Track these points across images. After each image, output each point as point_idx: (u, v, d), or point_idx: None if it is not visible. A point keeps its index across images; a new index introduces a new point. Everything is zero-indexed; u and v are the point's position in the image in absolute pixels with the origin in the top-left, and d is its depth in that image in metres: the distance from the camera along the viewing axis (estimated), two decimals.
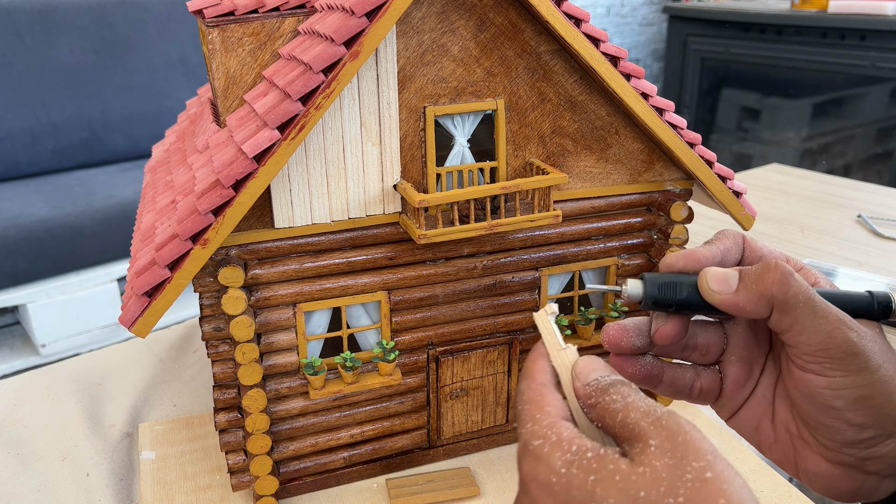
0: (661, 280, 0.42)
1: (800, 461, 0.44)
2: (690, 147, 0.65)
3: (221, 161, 0.55)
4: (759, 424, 0.46)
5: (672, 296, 0.42)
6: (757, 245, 0.45)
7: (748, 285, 0.40)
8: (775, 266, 0.40)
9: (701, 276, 0.42)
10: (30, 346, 2.06)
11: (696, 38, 3.17)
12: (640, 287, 0.42)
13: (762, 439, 0.46)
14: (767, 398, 0.46)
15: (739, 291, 0.40)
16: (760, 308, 0.40)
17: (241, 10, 0.60)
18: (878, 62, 2.49)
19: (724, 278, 0.41)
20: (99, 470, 0.75)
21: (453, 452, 0.74)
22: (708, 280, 0.41)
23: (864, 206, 1.43)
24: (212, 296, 0.60)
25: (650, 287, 0.42)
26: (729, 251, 0.44)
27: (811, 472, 0.43)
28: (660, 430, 0.32)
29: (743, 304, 0.40)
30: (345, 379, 0.64)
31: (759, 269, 0.40)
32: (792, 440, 0.44)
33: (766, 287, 0.39)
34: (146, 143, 2.47)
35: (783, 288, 0.39)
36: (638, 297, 0.42)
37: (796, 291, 0.39)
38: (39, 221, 1.96)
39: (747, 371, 0.46)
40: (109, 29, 2.40)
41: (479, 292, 0.67)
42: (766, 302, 0.40)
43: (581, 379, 0.37)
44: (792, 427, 0.44)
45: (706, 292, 0.41)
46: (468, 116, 0.62)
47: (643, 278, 0.42)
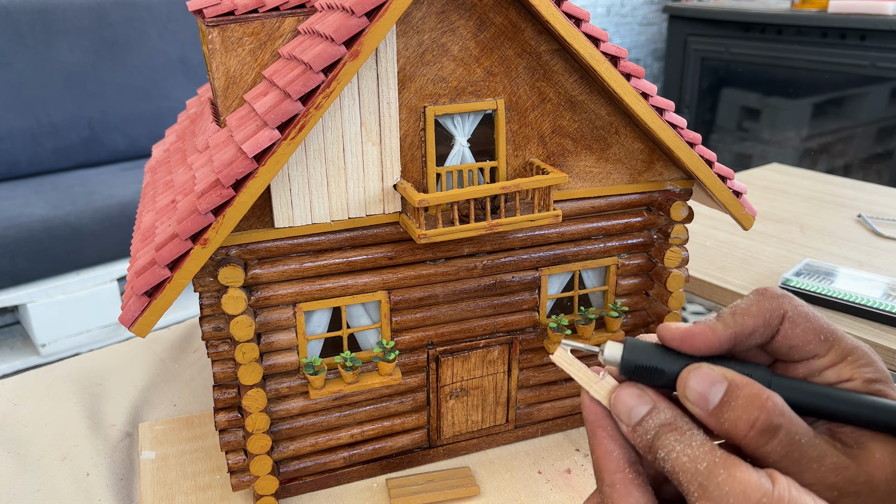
0: (641, 360, 0.36)
1: None
2: (690, 147, 0.65)
3: (221, 161, 0.55)
4: None
5: (648, 380, 0.37)
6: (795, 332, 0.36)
7: (722, 418, 0.34)
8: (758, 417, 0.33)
9: (683, 374, 0.35)
10: (30, 346, 2.06)
11: (697, 38, 3.17)
12: (617, 358, 0.37)
13: None
14: None
15: (712, 416, 0.34)
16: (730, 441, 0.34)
17: (241, 10, 0.60)
18: (878, 62, 2.49)
19: (704, 390, 0.34)
20: (99, 470, 0.75)
21: (453, 452, 0.74)
22: (687, 387, 0.35)
23: (864, 206, 1.43)
24: (212, 295, 0.60)
25: (625, 365, 0.37)
26: (752, 336, 0.36)
27: None
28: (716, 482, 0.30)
29: (713, 429, 0.34)
30: (345, 379, 0.64)
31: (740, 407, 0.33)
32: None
33: (736, 435, 0.33)
34: (146, 142, 2.47)
35: (756, 443, 0.33)
36: (615, 362, 0.37)
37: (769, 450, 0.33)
38: (39, 221, 1.96)
39: None
40: (109, 29, 2.40)
41: (479, 292, 0.67)
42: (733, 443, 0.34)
43: (625, 421, 0.35)
44: None
45: (681, 395, 0.35)
46: (468, 116, 0.62)
47: (626, 345, 0.37)
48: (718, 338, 0.36)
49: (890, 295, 0.97)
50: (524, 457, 0.74)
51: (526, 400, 0.75)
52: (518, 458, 0.74)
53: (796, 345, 0.37)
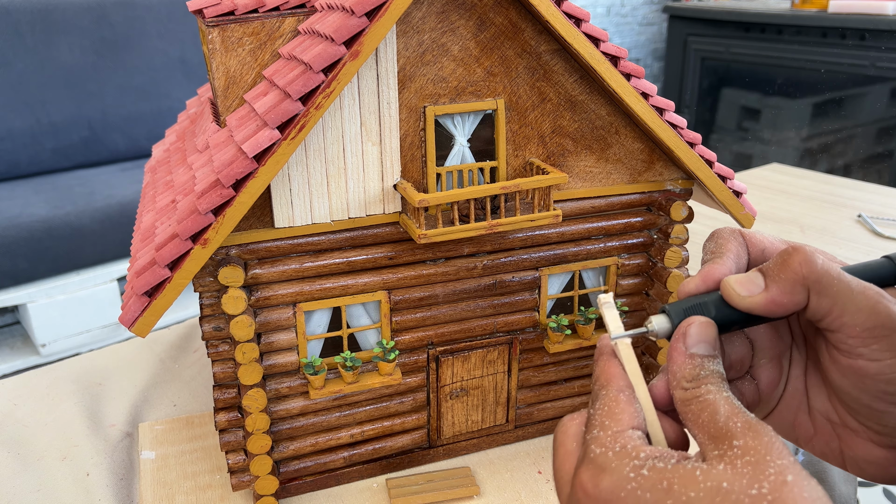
0: (684, 306, 0.39)
1: (846, 450, 0.42)
2: (690, 147, 0.65)
3: (221, 161, 0.55)
4: (796, 419, 0.44)
5: None
6: (756, 239, 0.43)
7: (776, 277, 0.37)
8: (794, 249, 0.37)
9: (723, 287, 0.39)
10: (30, 345, 2.06)
11: (697, 38, 3.17)
12: (665, 321, 0.39)
13: (800, 434, 0.44)
14: (800, 391, 0.44)
15: (770, 287, 0.37)
16: (797, 296, 0.37)
17: (241, 10, 0.60)
18: (878, 62, 2.49)
19: (748, 280, 0.38)
20: (99, 470, 0.75)
21: (453, 452, 0.74)
22: (734, 288, 0.38)
23: (864, 206, 1.43)
24: (212, 295, 0.60)
25: (676, 317, 0.39)
26: (739, 256, 0.41)
27: (861, 460, 0.41)
28: (746, 432, 0.31)
29: (779, 297, 0.37)
30: (345, 379, 0.64)
31: (780, 258, 0.38)
32: (834, 429, 0.42)
33: (794, 271, 0.37)
34: (146, 142, 2.47)
35: (812, 267, 0.36)
36: (667, 332, 0.39)
37: (826, 267, 0.36)
38: (39, 221, 1.96)
39: (778, 369, 0.44)
40: (109, 29, 2.40)
41: (479, 292, 0.67)
42: (800, 287, 0.37)
43: (687, 343, 0.37)
44: (833, 416, 0.42)
45: (736, 300, 0.38)
46: (468, 116, 0.62)
47: (666, 311, 0.40)
48: (726, 265, 0.40)
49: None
50: (524, 457, 0.74)
51: (526, 400, 0.75)
52: (518, 458, 0.74)
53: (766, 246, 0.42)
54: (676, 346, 0.37)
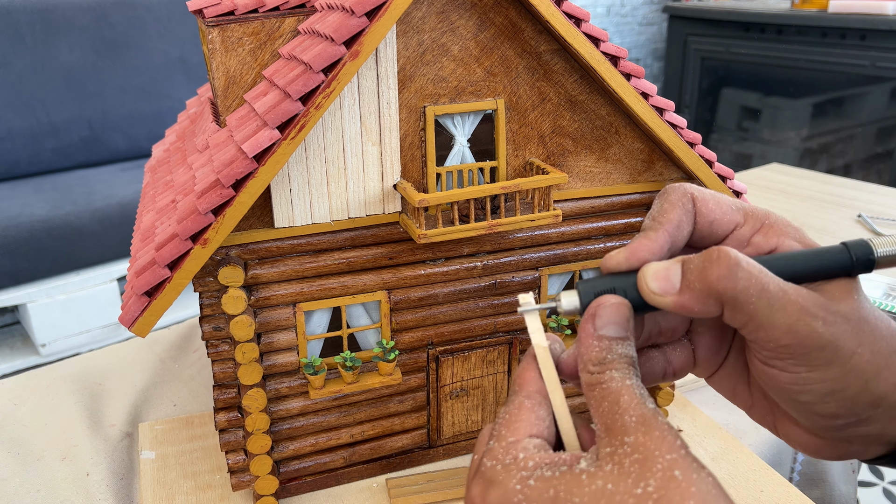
0: (597, 288, 0.37)
1: (780, 427, 0.41)
2: (690, 147, 0.65)
3: (221, 161, 0.55)
4: (735, 388, 0.43)
5: None
6: (708, 207, 0.38)
7: (692, 284, 0.34)
8: (718, 256, 0.34)
9: (640, 275, 0.36)
10: (30, 345, 2.06)
11: (697, 38, 3.17)
12: (575, 299, 0.37)
13: (740, 402, 0.43)
14: (741, 362, 0.42)
15: (683, 292, 0.35)
16: (709, 307, 0.35)
17: (241, 10, 0.60)
18: (878, 62, 2.49)
19: (665, 275, 0.35)
20: (99, 470, 0.75)
21: (453, 452, 0.74)
22: (647, 280, 0.36)
23: (864, 206, 1.43)
24: (212, 295, 0.60)
25: (585, 298, 0.37)
26: (680, 229, 0.38)
27: (792, 440, 0.41)
28: (639, 427, 0.31)
29: (689, 304, 0.35)
30: (345, 379, 0.64)
31: (700, 262, 0.35)
32: (770, 406, 0.41)
33: (709, 283, 0.34)
34: (146, 142, 2.48)
35: (730, 283, 0.33)
36: (575, 311, 0.37)
37: (746, 285, 0.33)
38: (39, 221, 1.96)
39: (719, 339, 0.42)
40: (109, 29, 2.40)
41: (479, 292, 0.67)
42: (713, 301, 0.34)
43: (596, 325, 0.35)
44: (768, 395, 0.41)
45: (647, 294, 0.36)
46: (468, 116, 0.62)
47: (577, 287, 0.37)
48: (658, 242, 0.37)
49: (890, 295, 0.97)
50: None
51: None
52: None
53: (716, 218, 0.39)
54: (585, 327, 0.36)
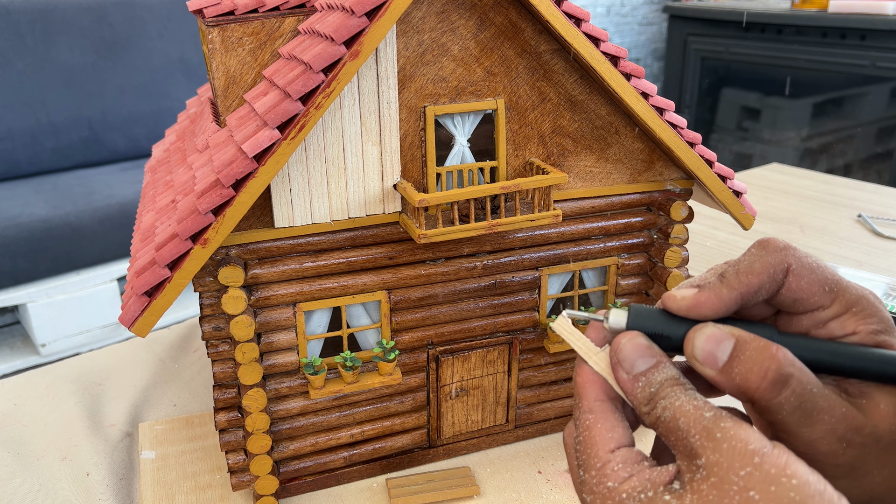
0: (647, 328, 0.36)
1: None
2: (690, 147, 0.65)
3: (221, 160, 0.55)
4: None
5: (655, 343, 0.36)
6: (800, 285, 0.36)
7: (732, 374, 0.33)
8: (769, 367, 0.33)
9: (689, 335, 0.35)
10: (30, 345, 2.06)
11: (697, 38, 3.17)
12: (623, 320, 0.37)
13: None
14: None
15: (723, 373, 0.34)
16: (741, 398, 0.34)
17: (241, 10, 0.60)
18: (878, 62, 2.49)
19: (713, 350, 0.34)
20: (99, 469, 0.75)
21: (453, 452, 0.74)
22: (695, 344, 0.35)
23: (864, 206, 1.43)
24: (212, 295, 0.60)
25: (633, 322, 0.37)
26: (758, 293, 0.36)
27: None
28: (706, 444, 0.30)
29: (723, 387, 0.34)
30: (345, 378, 0.64)
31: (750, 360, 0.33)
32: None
33: (748, 388, 0.33)
34: (146, 142, 2.48)
35: (767, 395, 0.33)
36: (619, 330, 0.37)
37: (782, 401, 0.33)
38: (39, 221, 1.96)
39: None
40: (109, 29, 2.40)
41: (479, 292, 0.67)
42: (745, 399, 0.34)
43: (626, 368, 0.35)
44: None
45: (689, 357, 0.35)
46: (468, 116, 0.62)
47: (630, 310, 0.37)
48: (725, 302, 0.36)
49: (890, 295, 0.97)
50: (524, 457, 0.74)
51: (526, 400, 0.75)
52: (518, 458, 0.74)
53: (801, 297, 0.37)
54: (619, 375, 0.35)
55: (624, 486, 0.32)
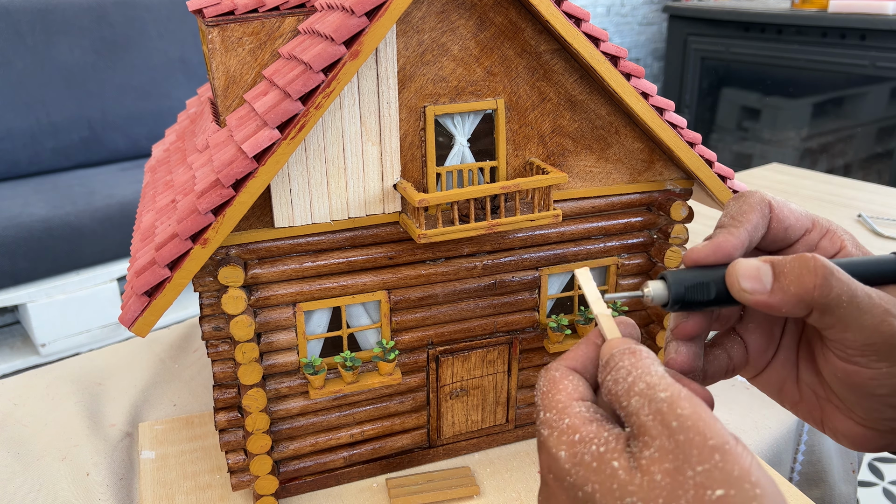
0: (686, 281, 0.38)
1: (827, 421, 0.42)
2: (690, 147, 0.65)
3: (221, 160, 0.55)
4: (784, 386, 0.44)
5: (700, 297, 0.38)
6: (783, 214, 0.41)
7: (785, 287, 0.36)
8: (815, 266, 0.36)
9: (730, 272, 0.38)
10: (30, 345, 2.06)
11: (697, 38, 3.17)
12: (663, 290, 0.39)
13: (786, 398, 0.45)
14: (791, 360, 0.44)
15: (775, 292, 0.36)
16: (798, 310, 0.36)
17: (240, 10, 0.60)
18: (878, 62, 2.49)
19: (756, 276, 0.37)
20: (99, 469, 0.75)
21: (453, 452, 0.74)
22: (739, 278, 0.37)
23: (864, 206, 1.43)
24: (212, 295, 0.60)
25: (676, 289, 0.38)
26: (756, 229, 0.40)
27: (839, 432, 0.42)
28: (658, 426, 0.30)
29: (778, 305, 0.36)
30: (345, 378, 0.64)
31: (796, 267, 0.36)
32: (819, 401, 0.43)
33: (805, 290, 0.36)
34: (146, 142, 2.47)
35: (824, 291, 0.35)
36: (662, 301, 0.39)
37: (839, 293, 0.35)
38: (39, 221, 1.96)
39: (767, 337, 0.44)
40: (109, 29, 2.40)
41: (479, 292, 0.67)
42: (804, 305, 0.36)
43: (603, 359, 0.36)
44: (819, 391, 0.42)
45: (737, 292, 0.37)
46: (468, 116, 0.62)
47: (666, 279, 0.39)
48: (739, 239, 0.39)
49: None
50: (524, 457, 0.74)
51: (526, 400, 0.75)
52: (518, 457, 0.74)
53: (790, 224, 0.41)
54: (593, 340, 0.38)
55: (581, 429, 0.33)
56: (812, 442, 0.86)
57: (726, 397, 0.85)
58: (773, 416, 0.82)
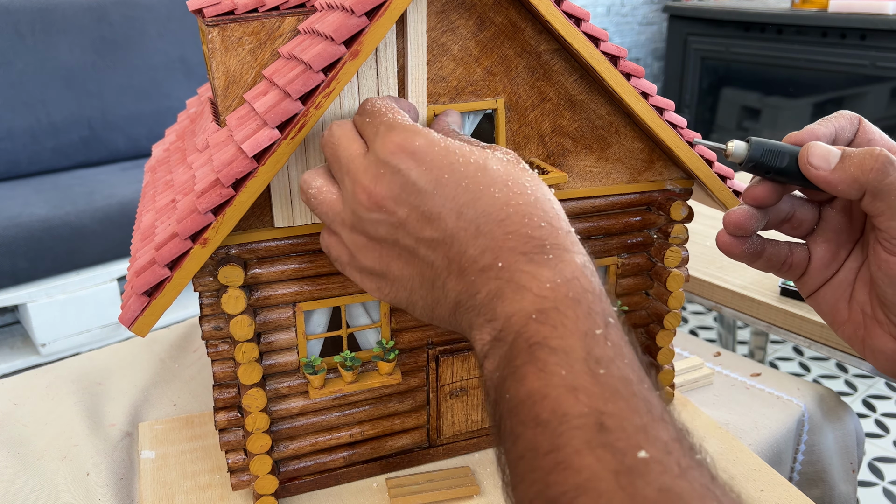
0: (765, 146, 0.44)
1: (868, 339, 0.46)
2: (690, 146, 0.65)
3: (221, 160, 0.55)
4: (836, 304, 0.49)
5: (772, 162, 0.44)
6: (870, 129, 0.47)
7: (846, 167, 0.42)
8: (878, 154, 0.41)
9: (803, 148, 0.44)
10: (30, 345, 2.06)
11: (697, 38, 3.17)
12: (744, 148, 0.45)
13: (835, 317, 0.49)
14: (849, 280, 0.48)
15: (836, 171, 0.42)
16: (853, 190, 0.41)
17: (240, 10, 0.60)
18: (878, 62, 2.49)
19: (824, 155, 0.43)
20: (99, 469, 0.75)
21: (453, 452, 0.74)
22: (809, 154, 0.43)
23: None
24: (211, 295, 0.60)
25: (754, 150, 0.45)
26: (843, 130, 0.46)
27: (878, 350, 0.46)
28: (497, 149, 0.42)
29: (836, 183, 0.42)
30: (344, 378, 0.64)
31: (860, 153, 0.42)
32: (864, 320, 0.47)
33: (862, 172, 0.41)
34: (146, 142, 2.47)
35: (879, 175, 0.40)
36: (740, 158, 0.45)
37: (893, 181, 0.40)
38: (39, 221, 1.96)
39: (833, 253, 0.48)
40: (109, 28, 2.40)
41: None
42: (859, 186, 0.41)
43: None
44: (867, 308, 0.46)
45: (804, 165, 0.43)
46: (468, 116, 0.62)
47: (749, 140, 0.45)
48: (829, 129, 0.46)
49: None
50: None
51: None
52: None
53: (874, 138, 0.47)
54: None
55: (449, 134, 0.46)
56: (812, 442, 0.86)
57: (727, 397, 0.85)
58: (773, 416, 0.82)
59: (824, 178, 0.42)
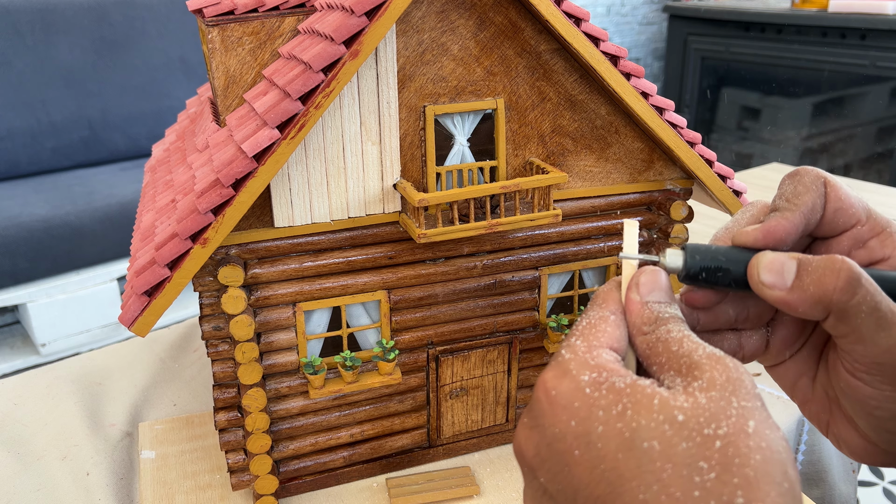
0: (705, 260, 0.37)
1: (832, 426, 0.41)
2: (690, 146, 0.65)
3: (221, 160, 0.55)
4: (798, 382, 0.42)
5: (714, 280, 0.37)
6: (837, 195, 0.39)
7: (804, 285, 0.34)
8: (839, 267, 0.34)
9: (753, 262, 0.36)
10: (30, 345, 2.06)
11: (697, 38, 3.17)
12: (679, 262, 0.37)
13: (798, 395, 0.43)
14: (813, 358, 0.42)
15: (794, 289, 0.35)
16: (816, 312, 0.35)
17: (240, 10, 0.60)
18: (878, 61, 2.49)
19: (779, 269, 0.35)
20: (99, 469, 0.75)
21: (453, 452, 0.74)
22: (760, 269, 0.35)
23: None
24: (211, 295, 0.60)
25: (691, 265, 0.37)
26: (813, 212, 0.38)
27: (842, 440, 0.40)
28: (714, 364, 0.30)
29: (796, 304, 0.35)
30: (345, 378, 0.64)
31: (820, 267, 0.34)
32: (829, 405, 0.41)
33: (825, 292, 0.34)
34: (146, 142, 2.47)
35: (844, 296, 0.34)
36: (676, 269, 0.37)
37: (860, 301, 0.34)
38: (39, 221, 1.96)
39: (798, 332, 0.42)
40: (109, 28, 2.40)
41: (478, 291, 0.67)
42: (822, 308, 0.34)
43: (641, 293, 0.35)
44: (831, 392, 0.41)
45: (755, 284, 0.36)
46: (468, 115, 0.62)
47: (685, 249, 0.37)
48: (794, 223, 0.37)
49: None
50: None
51: (526, 399, 0.75)
52: None
53: (841, 207, 0.39)
54: (630, 297, 0.36)
55: (607, 368, 0.32)
56: (812, 442, 0.86)
57: None
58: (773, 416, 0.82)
59: (782, 300, 0.35)
